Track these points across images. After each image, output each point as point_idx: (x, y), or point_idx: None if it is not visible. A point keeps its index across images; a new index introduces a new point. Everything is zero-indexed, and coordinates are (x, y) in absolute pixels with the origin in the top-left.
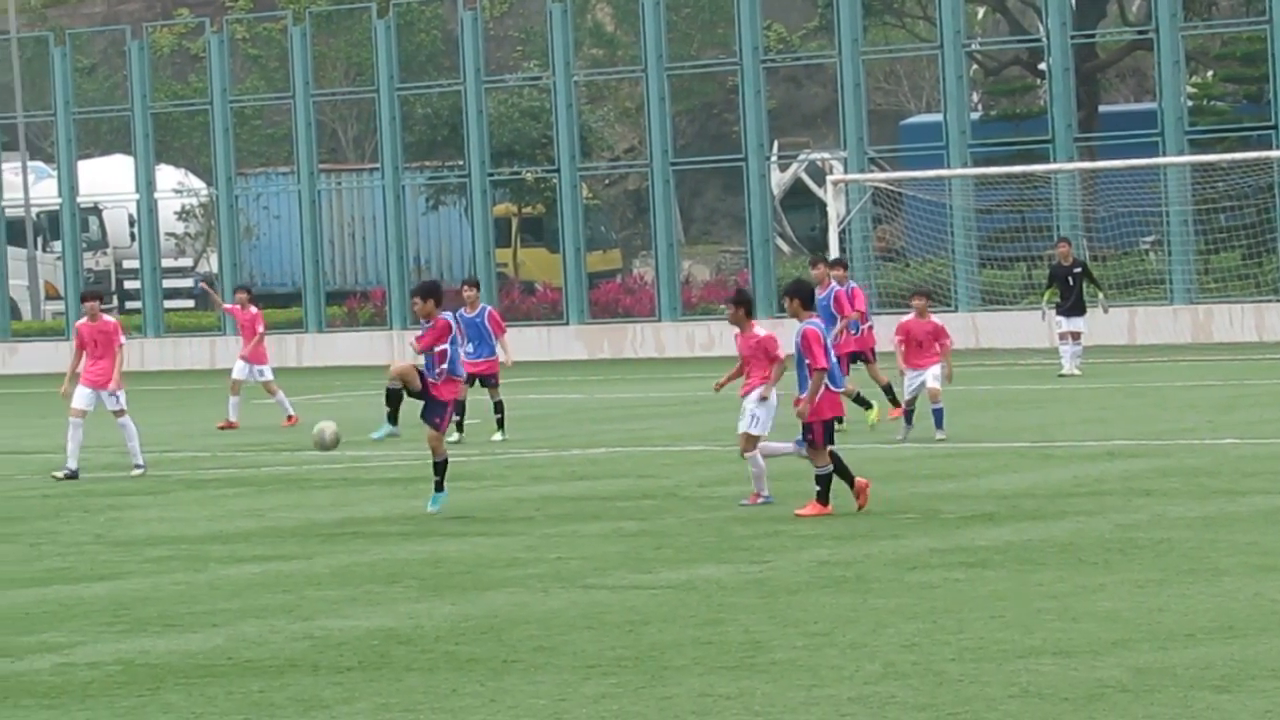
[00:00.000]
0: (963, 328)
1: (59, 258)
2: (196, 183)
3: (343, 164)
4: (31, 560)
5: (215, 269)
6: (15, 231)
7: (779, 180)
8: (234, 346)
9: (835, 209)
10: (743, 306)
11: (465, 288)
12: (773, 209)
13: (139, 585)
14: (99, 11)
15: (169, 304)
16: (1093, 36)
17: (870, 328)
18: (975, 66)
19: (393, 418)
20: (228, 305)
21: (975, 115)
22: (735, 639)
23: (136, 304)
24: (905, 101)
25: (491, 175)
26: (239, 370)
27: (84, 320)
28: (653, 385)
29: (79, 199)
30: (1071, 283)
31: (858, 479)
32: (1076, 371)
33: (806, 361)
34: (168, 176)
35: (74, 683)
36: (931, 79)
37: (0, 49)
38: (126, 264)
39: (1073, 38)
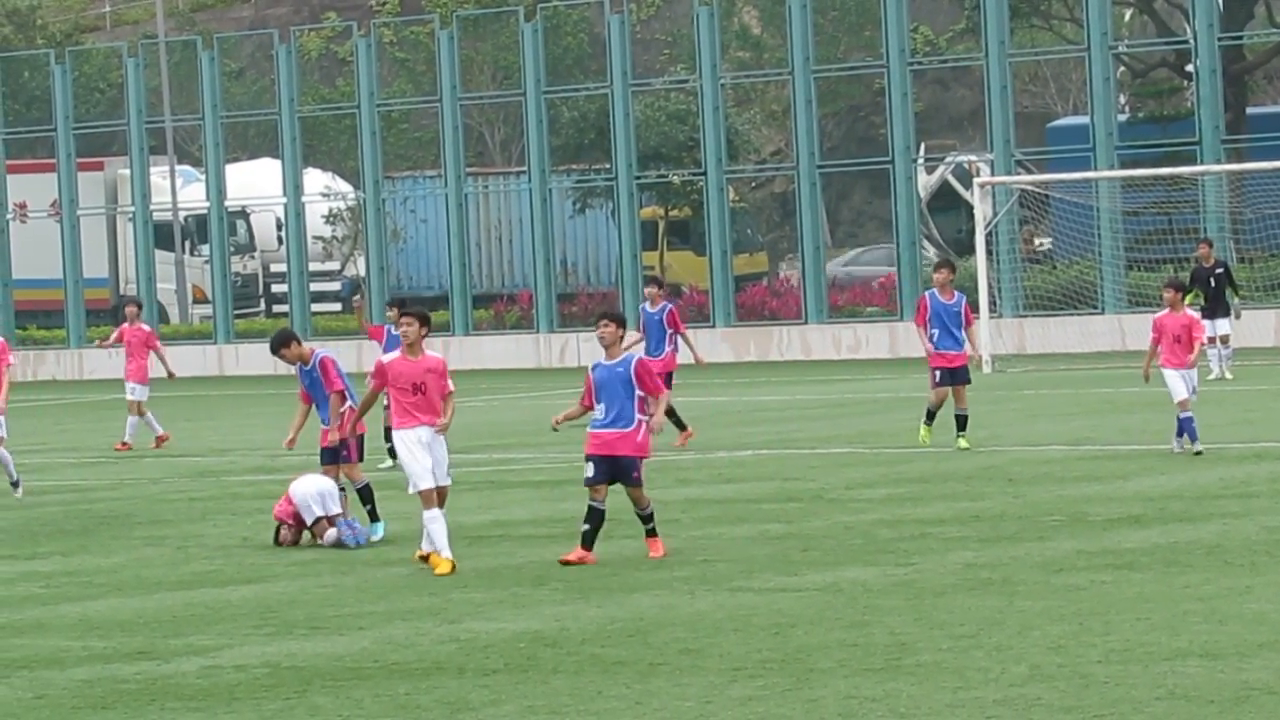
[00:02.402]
0: (1109, 330)
1: (207, 261)
2: (344, 186)
3: (489, 167)
4: (179, 563)
5: (362, 272)
6: (163, 235)
7: (926, 183)
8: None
9: (982, 211)
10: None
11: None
12: (919, 211)
13: (286, 588)
14: (247, 15)
15: (316, 307)
16: (1240, 38)
17: (674, 350)
18: (1122, 68)
19: (374, 513)
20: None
21: (1122, 117)
22: (881, 641)
23: (284, 307)
24: (1052, 104)
25: (638, 178)
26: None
27: None
28: (799, 388)
29: (227, 203)
30: (1213, 284)
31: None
32: (1228, 375)
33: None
34: (315, 180)
35: (221, 685)
36: (1078, 81)
37: (149, 53)
38: (274, 268)
39: (1220, 39)
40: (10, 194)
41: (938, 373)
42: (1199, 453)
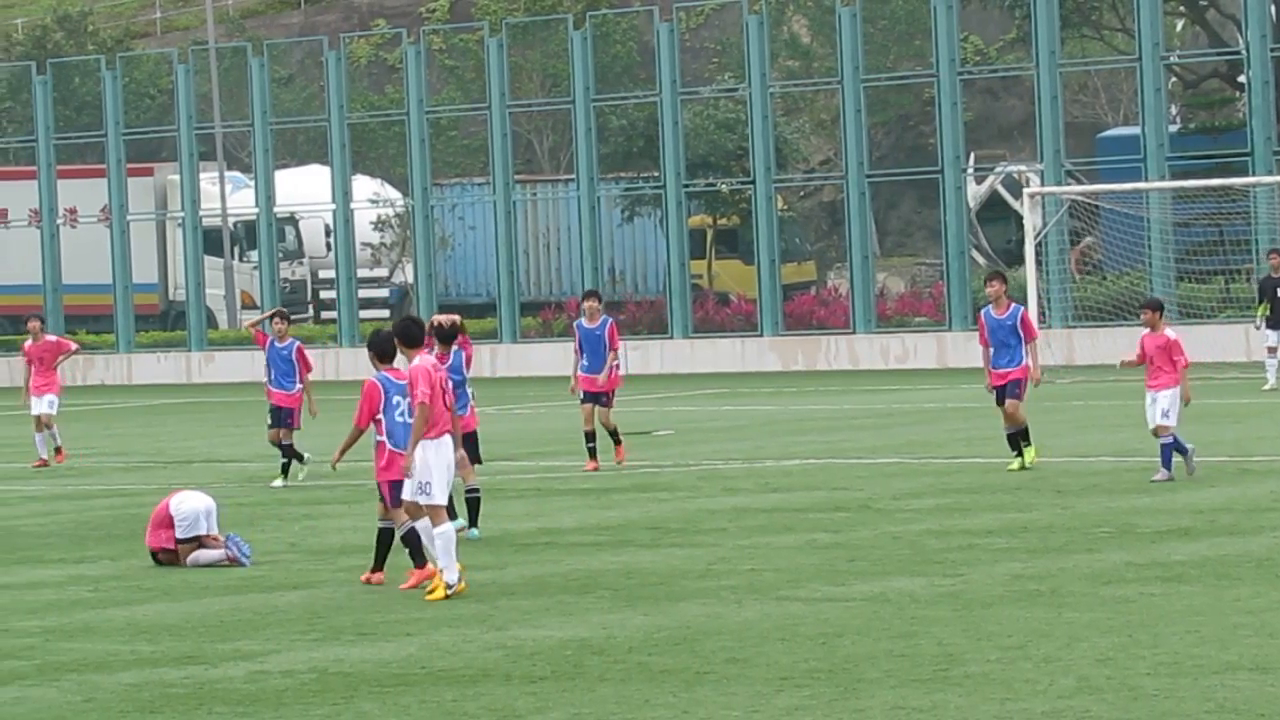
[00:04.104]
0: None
1: (255, 267)
2: (392, 193)
3: (538, 175)
4: (226, 569)
5: (411, 279)
6: (212, 241)
7: (975, 192)
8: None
9: (1031, 221)
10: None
11: (278, 321)
12: (969, 221)
13: (333, 594)
14: (296, 22)
15: (364, 314)
16: None
17: (617, 367)
18: (1173, 79)
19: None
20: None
21: (1173, 128)
22: (929, 652)
23: (332, 314)
24: (1102, 114)
25: (686, 187)
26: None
27: None
28: (847, 397)
29: (275, 209)
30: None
31: (427, 566)
32: None
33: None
34: (364, 187)
35: (268, 690)
36: (1129, 91)
37: (199, 59)
38: (322, 274)
39: (1273, 50)
40: (61, 199)
41: (995, 392)
42: (1169, 479)
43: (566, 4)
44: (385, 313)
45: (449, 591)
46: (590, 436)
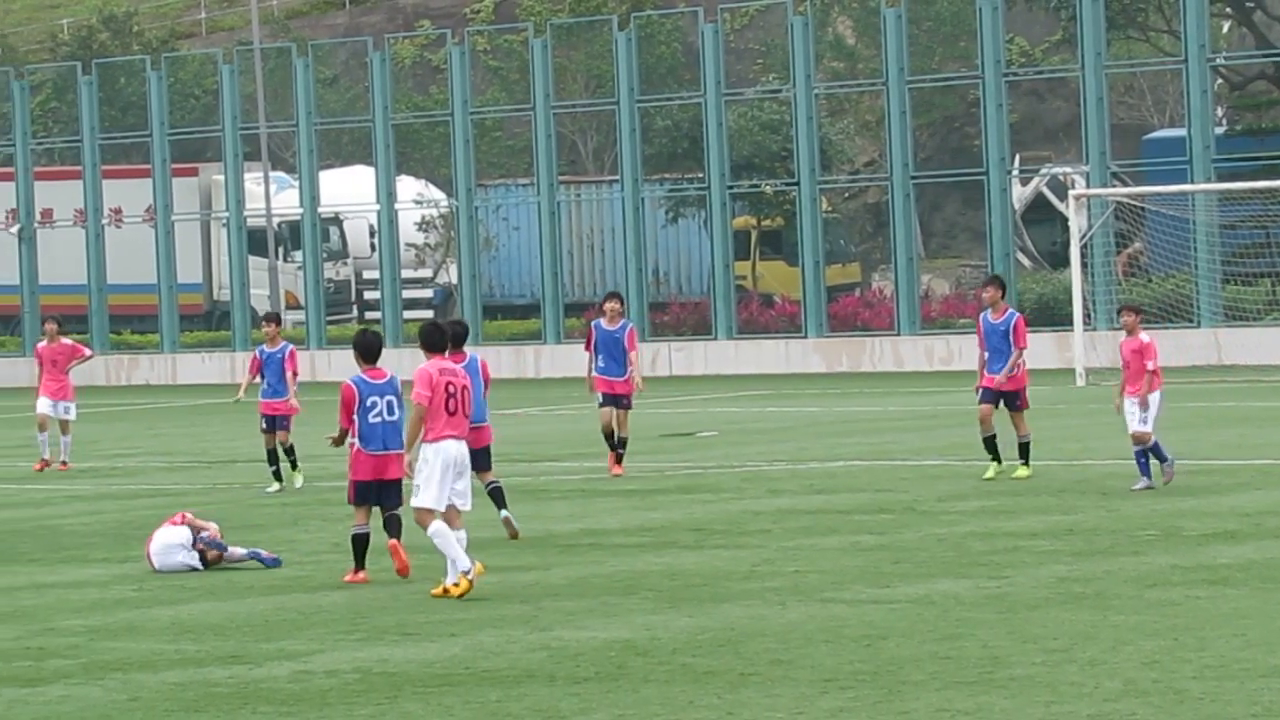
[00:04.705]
0: (1205, 344)
1: (300, 268)
2: (437, 194)
3: (582, 176)
4: (271, 568)
5: (454, 280)
6: (257, 241)
7: (1020, 194)
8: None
9: (1077, 223)
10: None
11: (265, 324)
12: (1014, 223)
13: (377, 594)
14: (341, 23)
15: (408, 314)
16: None
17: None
18: (1220, 81)
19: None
20: None
21: (1219, 130)
22: (973, 654)
23: (376, 314)
24: (1148, 116)
25: (731, 188)
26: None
27: None
28: (891, 399)
29: (320, 209)
30: None
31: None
32: None
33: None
34: (408, 187)
35: (312, 690)
36: (1175, 93)
37: (243, 60)
38: (366, 274)
39: None
40: (106, 199)
41: (980, 392)
42: (1149, 486)
43: (611, 5)
44: (429, 313)
45: (469, 578)
46: (609, 436)
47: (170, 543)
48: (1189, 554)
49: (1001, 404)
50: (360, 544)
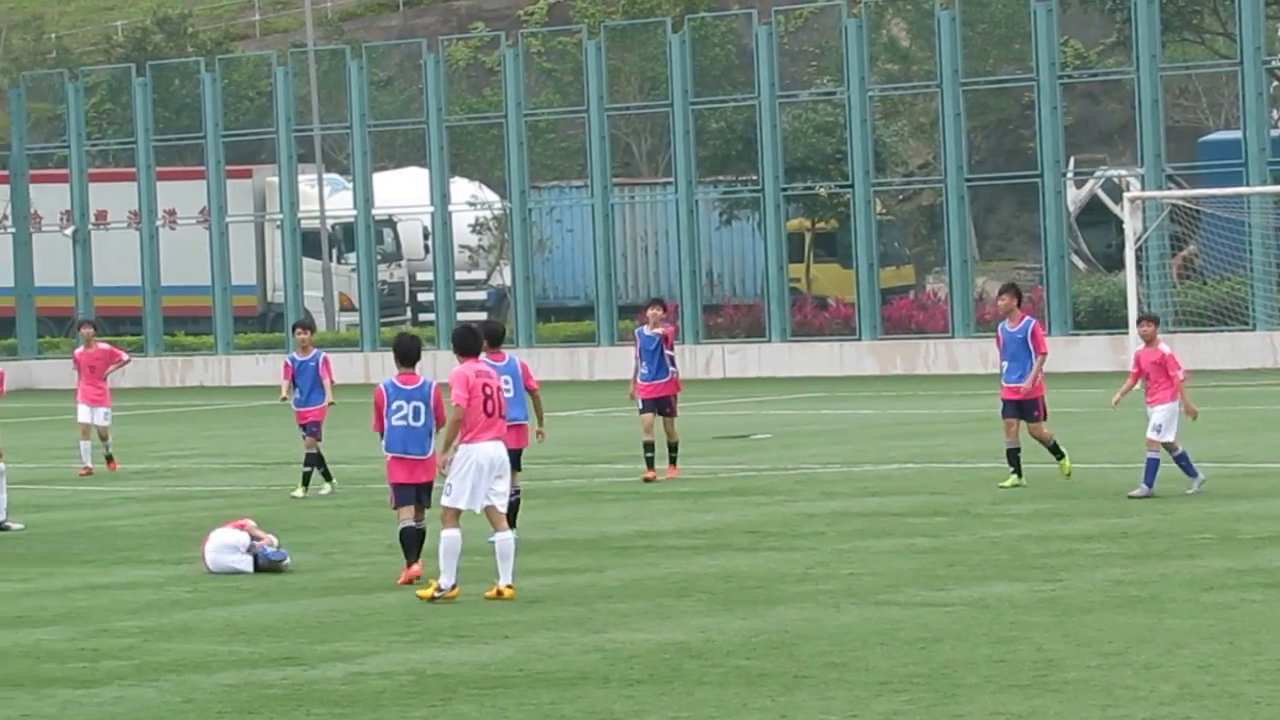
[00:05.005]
0: (1260, 346)
1: (353, 270)
2: (490, 195)
3: (636, 178)
4: (325, 570)
5: (508, 282)
6: (311, 243)
7: (1075, 197)
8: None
9: (1132, 226)
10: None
11: (297, 331)
12: (1068, 226)
13: None
14: (395, 25)
15: (462, 316)
16: None
17: (674, 373)
18: (1275, 83)
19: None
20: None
21: (1275, 132)
22: (1028, 658)
23: (430, 316)
24: (1203, 118)
25: (785, 190)
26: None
27: None
28: (945, 402)
29: (374, 211)
30: None
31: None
32: None
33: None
34: (462, 189)
35: (366, 692)
36: (1230, 95)
37: (298, 62)
38: (420, 276)
39: None
40: (160, 201)
41: (1003, 405)
42: (1148, 495)
43: (665, 7)
44: (482, 315)
45: (438, 595)
46: (649, 447)
47: (226, 543)
48: (1244, 557)
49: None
50: (409, 538)
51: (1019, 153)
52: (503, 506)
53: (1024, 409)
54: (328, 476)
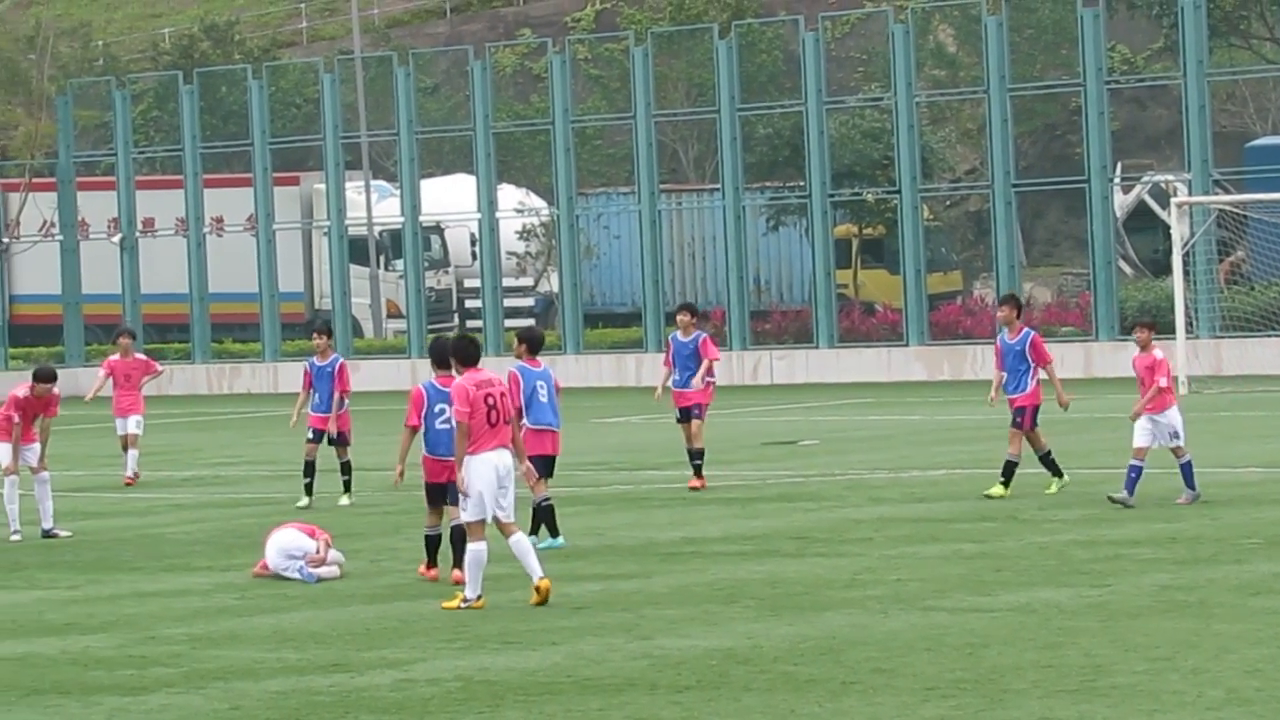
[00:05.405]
0: None
1: (401, 276)
2: (537, 202)
3: (683, 184)
4: (372, 576)
5: (555, 288)
6: (358, 250)
7: (1122, 202)
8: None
9: (1179, 231)
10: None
11: (315, 336)
12: (1116, 231)
13: None
14: (442, 32)
15: (509, 323)
16: None
17: (712, 381)
18: None
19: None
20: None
21: None
22: (1075, 663)
23: (477, 322)
24: (1250, 123)
25: (832, 196)
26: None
27: None
28: (992, 407)
29: (421, 218)
30: None
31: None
32: None
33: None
34: (509, 196)
35: (414, 699)
36: (1278, 100)
37: (345, 69)
38: (467, 283)
39: None
40: (207, 208)
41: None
42: (1125, 504)
43: (712, 13)
44: (530, 321)
45: (463, 605)
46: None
47: (291, 546)
48: None
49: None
50: (431, 544)
51: (1066, 158)
52: (505, 516)
53: (1013, 415)
54: (309, 490)
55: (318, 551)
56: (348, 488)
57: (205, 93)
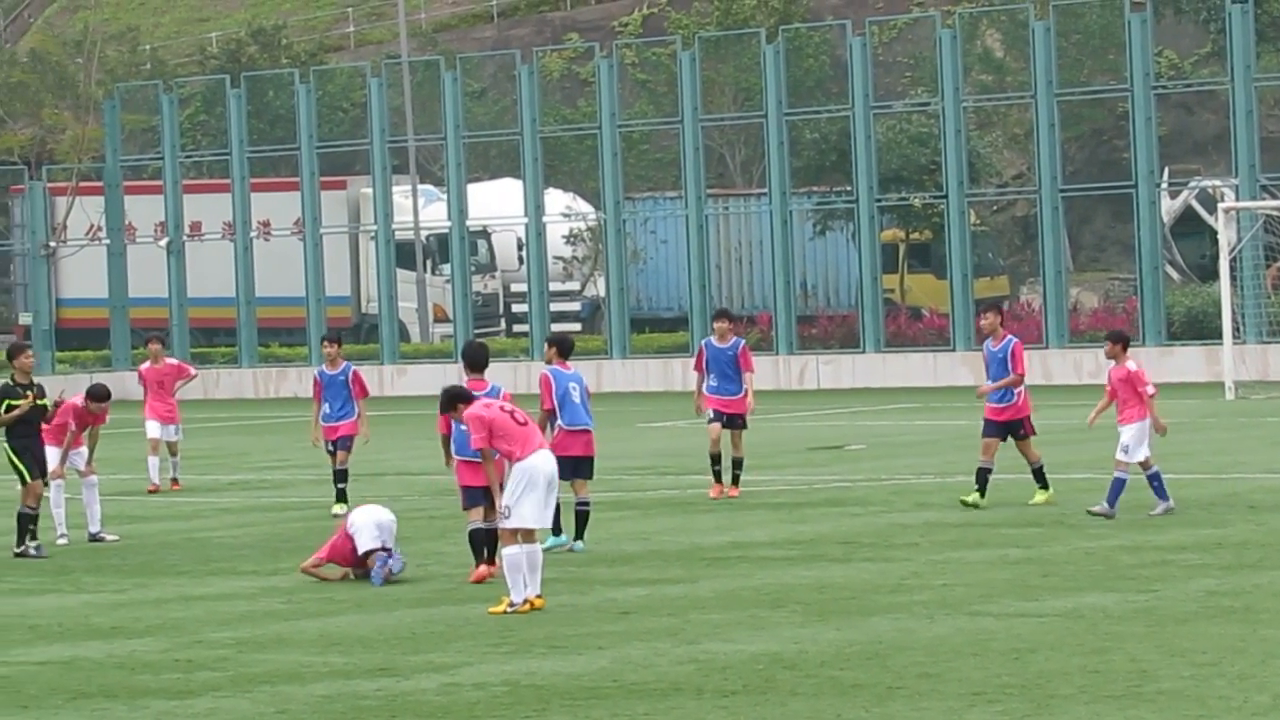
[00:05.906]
0: None
1: (448, 281)
2: (584, 206)
3: (730, 189)
4: (419, 580)
5: (602, 292)
6: (405, 254)
7: (1169, 207)
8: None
9: (1226, 237)
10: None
11: (325, 345)
12: (1163, 236)
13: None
14: (489, 36)
15: (556, 327)
16: None
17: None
18: None
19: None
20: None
21: None
22: (1122, 668)
23: (524, 327)
24: None
25: (879, 201)
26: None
27: None
28: (1039, 413)
29: (468, 222)
30: None
31: (481, 568)
32: None
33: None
34: (556, 200)
35: (460, 703)
36: None
37: (392, 73)
38: (514, 287)
39: None
40: (254, 212)
41: (984, 424)
42: (1108, 515)
43: (759, 18)
44: (577, 326)
45: (510, 610)
46: (716, 459)
47: (383, 519)
48: None
49: (1010, 437)
50: (478, 539)
51: (1113, 163)
52: (541, 524)
53: (1010, 428)
54: (342, 497)
55: (384, 562)
56: (342, 496)
57: (252, 97)
